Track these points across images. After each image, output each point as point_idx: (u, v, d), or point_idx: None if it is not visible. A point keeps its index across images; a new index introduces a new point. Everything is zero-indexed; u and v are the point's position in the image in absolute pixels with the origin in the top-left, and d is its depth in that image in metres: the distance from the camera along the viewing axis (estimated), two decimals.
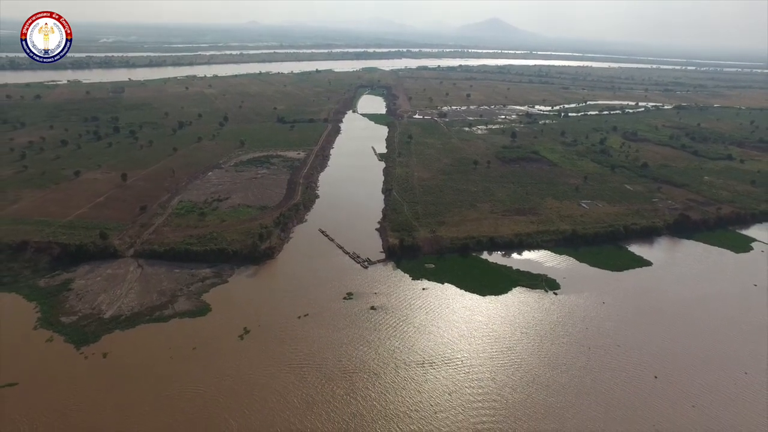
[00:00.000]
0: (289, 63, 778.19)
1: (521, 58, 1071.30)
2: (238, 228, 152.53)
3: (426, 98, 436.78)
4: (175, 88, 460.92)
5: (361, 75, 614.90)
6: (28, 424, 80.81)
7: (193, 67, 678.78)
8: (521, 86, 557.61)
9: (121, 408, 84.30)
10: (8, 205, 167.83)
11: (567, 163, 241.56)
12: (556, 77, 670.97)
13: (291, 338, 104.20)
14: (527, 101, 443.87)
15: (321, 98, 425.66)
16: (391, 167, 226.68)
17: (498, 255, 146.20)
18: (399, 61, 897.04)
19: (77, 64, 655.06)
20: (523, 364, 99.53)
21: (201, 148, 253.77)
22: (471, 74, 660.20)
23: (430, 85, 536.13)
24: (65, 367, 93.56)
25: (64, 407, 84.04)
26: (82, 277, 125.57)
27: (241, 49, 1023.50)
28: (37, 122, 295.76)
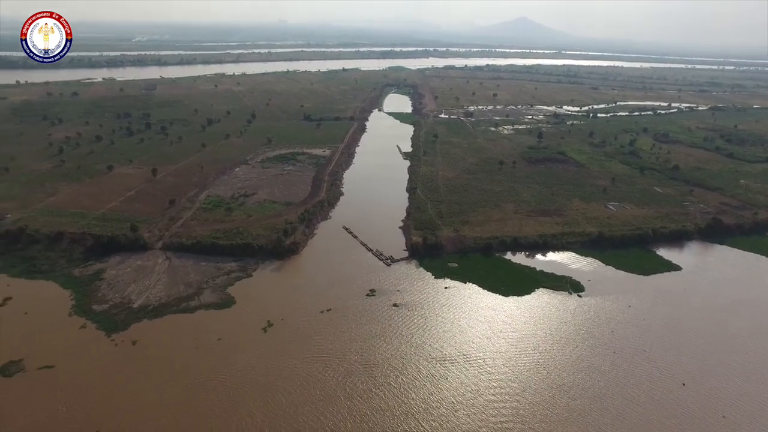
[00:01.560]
0: (316, 61, 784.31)
1: (550, 58, 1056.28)
2: (264, 223, 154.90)
3: (452, 97, 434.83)
4: (205, 85, 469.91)
5: (387, 74, 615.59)
6: (64, 404, 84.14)
7: (222, 65, 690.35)
8: (549, 86, 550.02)
9: (149, 394, 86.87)
10: (46, 197, 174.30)
11: (594, 164, 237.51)
12: (585, 77, 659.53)
13: (314, 332, 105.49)
14: (555, 101, 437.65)
15: (347, 96, 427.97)
16: (416, 166, 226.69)
17: (522, 256, 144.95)
18: (425, 60, 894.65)
19: (112, 63, 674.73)
20: (546, 365, 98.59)
21: (229, 144, 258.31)
22: (498, 74, 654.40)
23: (456, 84, 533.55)
24: (97, 353, 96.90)
25: (96, 390, 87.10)
26: (114, 268, 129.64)
27: (268, 48, 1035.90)
28: (74, 118, 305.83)
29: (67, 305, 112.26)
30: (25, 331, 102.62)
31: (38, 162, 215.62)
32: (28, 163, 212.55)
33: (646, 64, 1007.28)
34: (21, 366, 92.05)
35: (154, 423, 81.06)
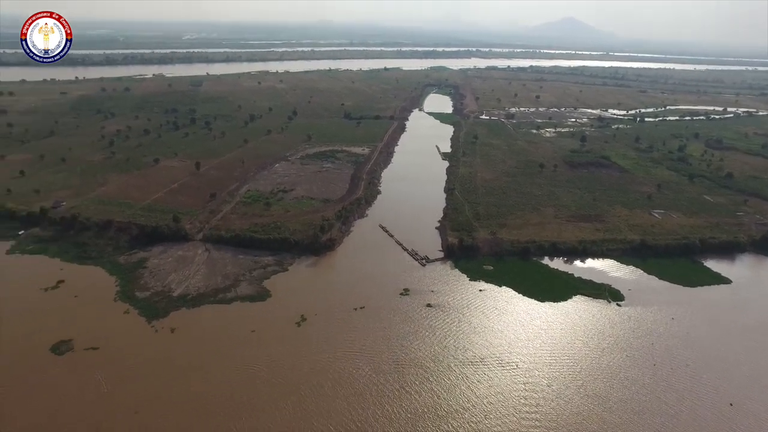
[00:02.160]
0: (358, 60, 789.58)
1: (596, 59, 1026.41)
2: (301, 219, 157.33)
3: (494, 99, 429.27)
4: (249, 82, 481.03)
5: (428, 74, 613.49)
6: (107, 384, 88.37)
7: (266, 63, 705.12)
8: (594, 89, 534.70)
9: (184, 380, 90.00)
10: (98, 187, 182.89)
11: (640, 170, 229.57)
12: (633, 80, 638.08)
13: (347, 329, 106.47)
14: (600, 104, 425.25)
15: (388, 96, 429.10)
16: (454, 166, 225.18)
17: (559, 261, 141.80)
18: (468, 60, 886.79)
19: (162, 60, 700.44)
20: (582, 374, 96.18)
21: (270, 140, 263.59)
22: (542, 75, 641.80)
23: (498, 85, 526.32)
24: (138, 338, 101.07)
25: (136, 373, 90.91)
26: (156, 257, 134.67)
27: (312, 47, 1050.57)
28: (125, 112, 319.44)
29: (112, 291, 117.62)
30: (74, 313, 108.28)
31: (91, 153, 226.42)
32: (83, 155, 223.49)
33: (701, 66, 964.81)
34: (70, 345, 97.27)
35: (187, 408, 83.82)
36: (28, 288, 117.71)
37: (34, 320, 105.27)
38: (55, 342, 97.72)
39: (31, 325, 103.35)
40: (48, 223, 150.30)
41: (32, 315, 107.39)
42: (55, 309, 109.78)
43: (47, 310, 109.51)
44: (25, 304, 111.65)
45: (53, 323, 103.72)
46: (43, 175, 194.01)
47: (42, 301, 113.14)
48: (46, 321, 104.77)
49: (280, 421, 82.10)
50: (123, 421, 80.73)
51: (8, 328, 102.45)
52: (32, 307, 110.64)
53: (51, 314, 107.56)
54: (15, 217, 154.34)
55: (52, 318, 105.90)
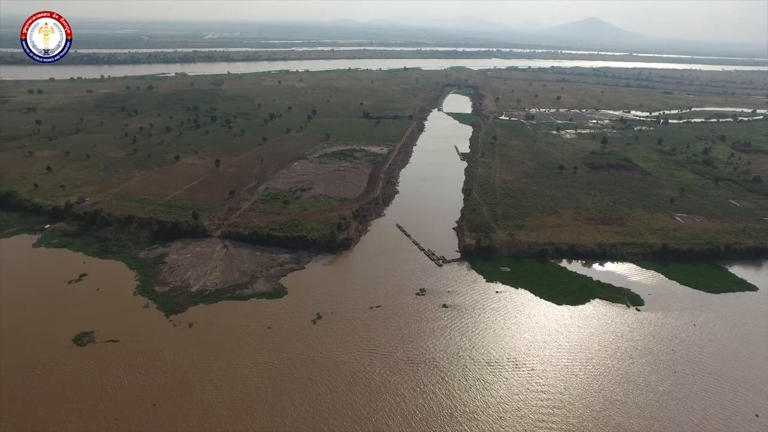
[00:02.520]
0: (378, 60, 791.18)
1: (619, 60, 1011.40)
2: (318, 217, 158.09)
3: (514, 99, 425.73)
4: (269, 81, 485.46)
5: (448, 74, 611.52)
6: (126, 377, 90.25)
7: (286, 62, 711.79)
8: (617, 90, 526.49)
9: (201, 374, 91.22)
10: (120, 182, 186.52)
11: (662, 172, 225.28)
12: (657, 81, 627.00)
13: (362, 327, 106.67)
14: (622, 106, 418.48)
15: (407, 95, 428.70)
16: (473, 167, 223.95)
17: (578, 264, 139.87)
18: (488, 61, 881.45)
19: (185, 58, 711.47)
20: (600, 378, 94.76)
21: (289, 139, 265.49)
22: (563, 76, 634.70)
23: (518, 86, 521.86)
24: (157, 332, 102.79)
25: (154, 367, 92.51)
26: (175, 252, 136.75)
27: (332, 46, 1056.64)
28: (147, 110, 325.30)
29: (132, 285, 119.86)
30: (96, 305, 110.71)
31: (115, 150, 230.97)
32: (106, 151, 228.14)
33: (730, 67, 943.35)
34: (92, 337, 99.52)
35: (204, 402, 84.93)
36: (52, 280, 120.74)
37: (58, 312, 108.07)
38: (78, 333, 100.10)
39: (55, 317, 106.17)
40: (72, 217, 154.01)
41: (56, 306, 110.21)
42: (77, 301, 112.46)
43: (70, 302, 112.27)
44: (50, 295, 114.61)
45: (76, 315, 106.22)
46: (69, 171, 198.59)
47: (66, 293, 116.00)
48: (69, 313, 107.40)
49: (296, 418, 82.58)
50: (140, 412, 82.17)
51: (34, 319, 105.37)
52: (56, 298, 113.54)
53: (74, 306, 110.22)
54: (41, 212, 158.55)
55: (75, 310, 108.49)
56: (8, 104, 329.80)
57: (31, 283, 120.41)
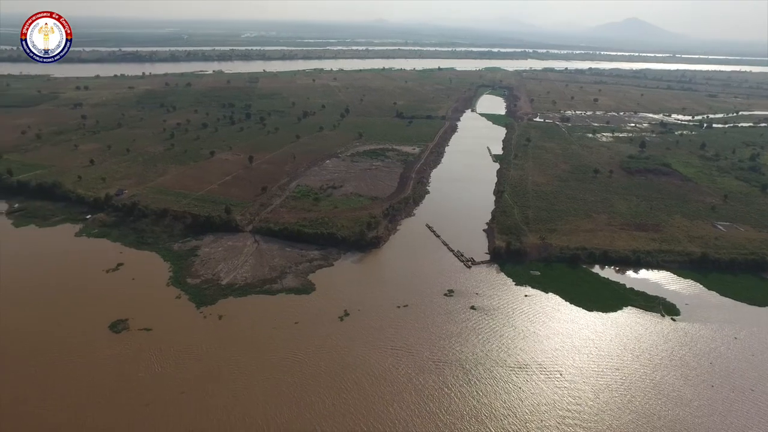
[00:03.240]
0: (412, 60, 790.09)
1: (661, 62, 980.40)
2: (349, 215, 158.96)
3: (549, 101, 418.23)
4: (304, 79, 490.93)
5: (483, 74, 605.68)
6: (157, 364, 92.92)
7: (321, 61, 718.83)
8: (657, 92, 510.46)
9: (229, 366, 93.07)
10: (157, 176, 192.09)
11: (704, 178, 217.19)
12: (701, 83, 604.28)
13: (389, 326, 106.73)
14: (663, 109, 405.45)
15: (440, 96, 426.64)
16: (505, 169, 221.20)
17: (610, 270, 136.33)
18: (524, 62, 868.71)
19: (222, 57, 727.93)
20: (631, 388, 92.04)
21: (322, 137, 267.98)
22: (601, 78, 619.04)
23: (554, 87, 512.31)
24: (188, 323, 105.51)
25: (185, 356, 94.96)
26: (207, 246, 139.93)
27: (366, 45, 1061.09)
28: (185, 106, 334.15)
29: (165, 276, 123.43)
30: (131, 294, 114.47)
31: (153, 145, 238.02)
32: (145, 146, 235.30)
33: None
34: (126, 325, 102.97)
35: (230, 392, 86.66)
36: (92, 269, 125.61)
37: (96, 299, 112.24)
38: (114, 320, 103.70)
39: (93, 303, 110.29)
40: (111, 209, 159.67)
41: (95, 294, 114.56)
42: (114, 290, 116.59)
43: (108, 290, 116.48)
44: (89, 283, 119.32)
45: (112, 303, 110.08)
46: (110, 164, 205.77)
47: (103, 281, 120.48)
48: (106, 300, 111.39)
49: (322, 413, 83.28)
50: (170, 399, 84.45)
51: (74, 305, 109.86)
52: (95, 286, 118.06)
53: (111, 294, 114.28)
54: (84, 202, 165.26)
55: (112, 298, 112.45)
56: (58, 100, 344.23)
57: (73, 270, 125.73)
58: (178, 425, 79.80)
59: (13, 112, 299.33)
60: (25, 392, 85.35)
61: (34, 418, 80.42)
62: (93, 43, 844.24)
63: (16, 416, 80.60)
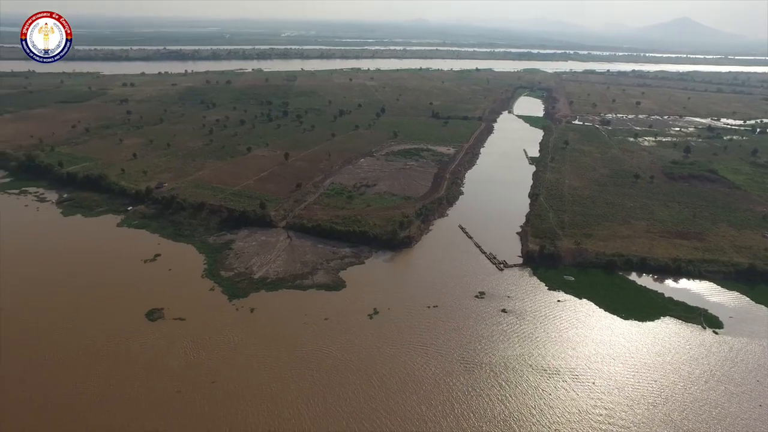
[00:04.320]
0: (450, 60, 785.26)
1: (712, 64, 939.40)
2: (381, 214, 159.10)
3: (589, 104, 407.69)
4: (341, 78, 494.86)
5: (521, 75, 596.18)
6: (190, 353, 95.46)
7: (358, 61, 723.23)
8: (706, 95, 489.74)
9: (259, 358, 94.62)
10: (195, 171, 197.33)
11: (754, 186, 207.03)
12: (756, 86, 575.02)
13: (418, 326, 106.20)
14: (711, 113, 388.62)
15: (477, 96, 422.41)
16: (541, 172, 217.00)
17: (648, 278, 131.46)
18: (564, 63, 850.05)
19: (261, 55, 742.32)
20: (667, 402, 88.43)
21: (357, 135, 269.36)
22: (645, 80, 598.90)
23: (595, 89, 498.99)
24: (220, 314, 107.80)
25: (216, 347, 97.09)
26: (242, 240, 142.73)
27: (404, 46, 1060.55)
28: (224, 103, 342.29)
29: (200, 268, 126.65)
30: (167, 284, 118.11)
31: (193, 140, 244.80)
32: (185, 141, 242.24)
33: None
34: (161, 314, 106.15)
35: (260, 384, 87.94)
36: (131, 258, 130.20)
37: (134, 288, 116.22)
38: (150, 309, 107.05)
39: (131, 292, 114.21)
40: (151, 201, 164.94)
41: (133, 283, 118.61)
42: (151, 279, 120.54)
43: (145, 279, 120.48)
44: (128, 272, 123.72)
45: (149, 292, 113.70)
46: (151, 158, 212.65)
47: (141, 271, 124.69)
48: (143, 289, 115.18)
49: (349, 409, 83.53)
50: (201, 388, 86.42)
51: (113, 293, 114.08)
52: (133, 275, 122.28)
53: (148, 284, 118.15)
54: (126, 194, 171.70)
55: (149, 287, 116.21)
56: (105, 96, 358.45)
57: (113, 259, 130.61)
58: (208, 413, 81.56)
59: (66, 108, 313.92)
60: (65, 371, 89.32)
61: (72, 396, 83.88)
62: (139, 42, 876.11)
63: (55, 392, 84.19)
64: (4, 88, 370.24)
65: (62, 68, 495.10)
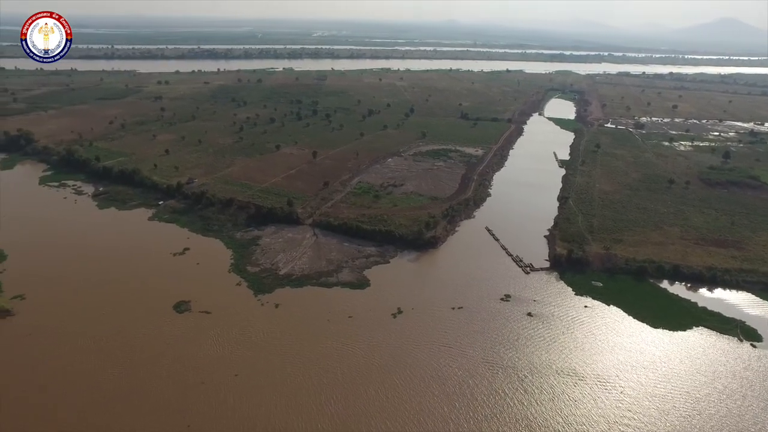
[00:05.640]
0: (481, 61, 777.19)
1: (757, 66, 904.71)
2: (407, 214, 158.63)
3: (623, 107, 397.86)
4: (370, 78, 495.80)
5: (552, 77, 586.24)
6: (215, 346, 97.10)
7: (388, 61, 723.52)
8: (749, 99, 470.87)
9: (283, 353, 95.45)
10: (225, 167, 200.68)
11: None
12: None
13: (442, 327, 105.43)
14: (755, 117, 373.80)
15: (507, 98, 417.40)
16: (571, 175, 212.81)
17: (681, 287, 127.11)
18: (598, 65, 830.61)
19: (292, 54, 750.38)
20: (703, 415, 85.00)
21: (385, 135, 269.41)
22: (683, 83, 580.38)
23: (629, 92, 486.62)
24: (246, 309, 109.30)
25: (241, 341, 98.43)
26: (268, 236, 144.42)
27: (434, 46, 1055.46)
28: (255, 101, 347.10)
29: (227, 263, 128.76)
30: (194, 278, 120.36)
31: (223, 137, 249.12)
32: (216, 138, 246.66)
33: None
34: (188, 306, 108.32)
35: (283, 378, 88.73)
36: (161, 251, 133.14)
37: (163, 280, 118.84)
38: (177, 301, 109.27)
39: (160, 284, 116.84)
40: (181, 196, 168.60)
41: (162, 275, 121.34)
42: (179, 272, 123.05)
43: (174, 272, 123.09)
44: (157, 265, 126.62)
45: (177, 284, 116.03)
46: (182, 154, 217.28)
47: (170, 264, 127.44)
48: (172, 282, 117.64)
49: (371, 408, 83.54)
50: (224, 381, 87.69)
51: (143, 284, 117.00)
52: (163, 268, 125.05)
53: (176, 276, 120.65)
54: (158, 189, 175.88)
55: (177, 280, 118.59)
56: (141, 93, 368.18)
57: (144, 251, 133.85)
58: (230, 405, 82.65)
59: (105, 104, 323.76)
60: (95, 355, 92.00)
61: (101, 379, 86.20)
62: (175, 41, 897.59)
63: (83, 378, 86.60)
64: (51, 85, 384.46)
65: (102, 66, 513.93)
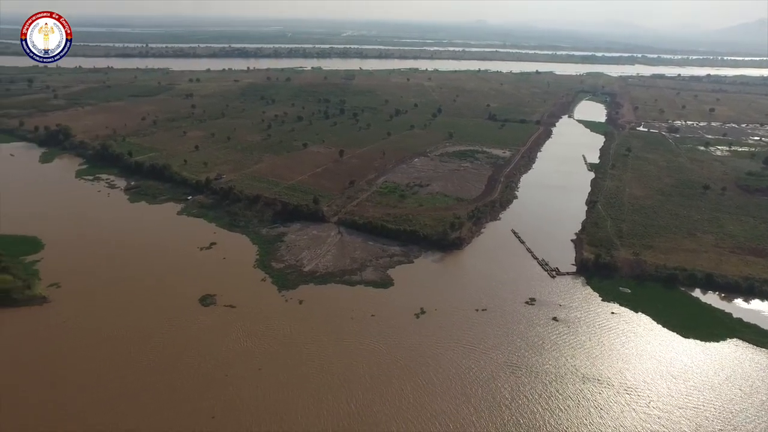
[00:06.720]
0: (510, 62, 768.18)
1: None
2: (433, 214, 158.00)
3: (656, 110, 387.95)
4: (398, 78, 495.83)
5: (583, 79, 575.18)
6: (239, 340, 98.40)
7: (416, 61, 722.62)
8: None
9: (306, 348, 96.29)
10: (253, 164, 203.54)
11: None
12: None
13: (466, 328, 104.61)
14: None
15: (536, 100, 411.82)
16: (600, 179, 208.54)
17: (714, 296, 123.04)
18: (630, 67, 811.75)
19: (321, 54, 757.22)
20: (740, 431, 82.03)
21: (412, 135, 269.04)
22: (721, 86, 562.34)
23: (663, 95, 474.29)
24: (270, 304, 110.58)
25: (265, 335, 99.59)
26: (294, 233, 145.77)
27: (463, 47, 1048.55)
28: (283, 100, 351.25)
29: (253, 258, 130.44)
30: (220, 272, 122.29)
31: (252, 134, 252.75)
32: (245, 135, 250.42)
33: None
34: (213, 300, 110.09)
35: (306, 373, 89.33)
36: (188, 246, 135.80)
37: (189, 273, 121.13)
38: (203, 295, 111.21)
39: (187, 277, 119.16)
40: (210, 192, 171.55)
41: (189, 269, 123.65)
42: (206, 266, 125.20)
43: (200, 266, 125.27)
44: (185, 258, 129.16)
45: (204, 278, 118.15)
46: (211, 151, 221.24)
47: (197, 258, 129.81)
48: (198, 275, 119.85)
49: (393, 406, 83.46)
50: (248, 374, 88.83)
51: (171, 277, 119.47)
52: (190, 262, 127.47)
53: (203, 270, 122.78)
54: (187, 184, 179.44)
55: (203, 274, 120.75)
56: (173, 90, 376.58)
57: (173, 245, 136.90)
58: (254, 398, 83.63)
59: (138, 101, 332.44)
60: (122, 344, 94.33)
61: (126, 369, 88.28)
62: (206, 39, 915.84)
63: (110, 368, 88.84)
64: (89, 82, 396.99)
65: (137, 64, 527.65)
